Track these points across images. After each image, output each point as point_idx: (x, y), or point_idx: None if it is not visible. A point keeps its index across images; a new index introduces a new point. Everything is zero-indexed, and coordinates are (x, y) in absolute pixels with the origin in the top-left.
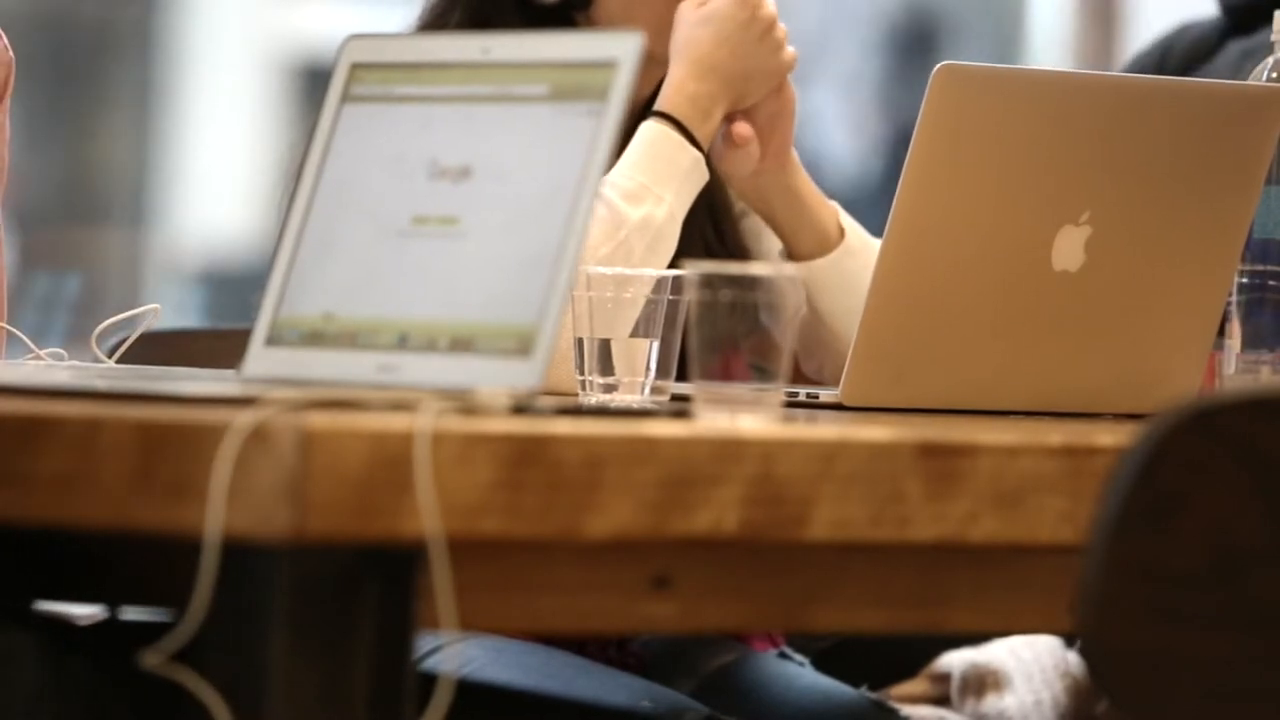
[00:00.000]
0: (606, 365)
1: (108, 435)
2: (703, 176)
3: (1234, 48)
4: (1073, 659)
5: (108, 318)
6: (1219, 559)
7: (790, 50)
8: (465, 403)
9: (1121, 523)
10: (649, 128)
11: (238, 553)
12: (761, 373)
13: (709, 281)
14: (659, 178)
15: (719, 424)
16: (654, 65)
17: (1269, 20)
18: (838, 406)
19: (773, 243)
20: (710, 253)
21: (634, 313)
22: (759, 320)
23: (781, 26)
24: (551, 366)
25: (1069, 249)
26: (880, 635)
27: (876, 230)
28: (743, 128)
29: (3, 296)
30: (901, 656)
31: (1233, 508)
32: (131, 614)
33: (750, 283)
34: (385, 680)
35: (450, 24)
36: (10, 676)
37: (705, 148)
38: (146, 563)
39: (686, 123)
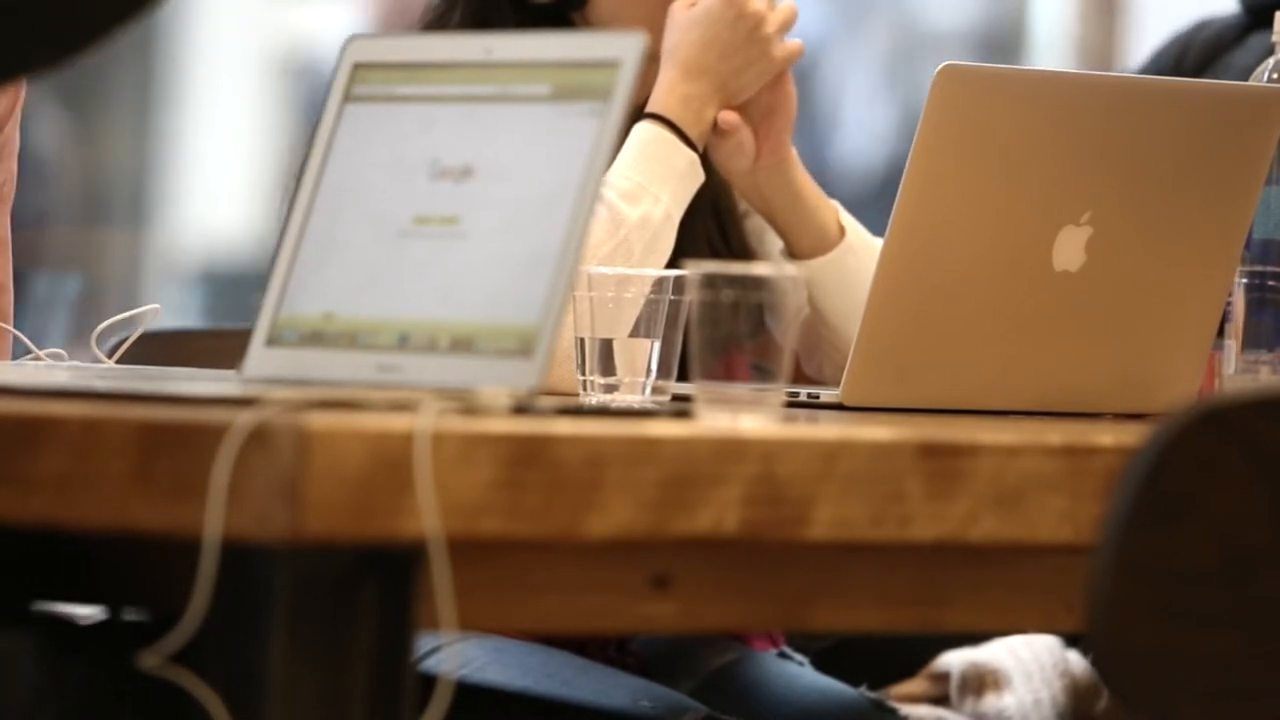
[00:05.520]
0: (607, 365)
1: (107, 436)
2: (699, 177)
3: (1258, 41)
4: (1072, 658)
5: (108, 318)
6: (1228, 558)
7: (790, 43)
8: (466, 403)
9: (1131, 522)
10: (643, 129)
11: (237, 553)
12: (763, 373)
13: (711, 281)
14: (654, 178)
15: (720, 424)
16: (651, 63)
17: None
18: (838, 406)
19: (776, 243)
20: (714, 253)
21: (635, 313)
22: (761, 320)
23: (774, 20)
24: (552, 366)
25: (1070, 249)
26: (880, 635)
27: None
28: (729, 115)
29: (9, 301)
30: (901, 656)
31: (1242, 507)
32: (131, 614)
33: (752, 283)
34: (384, 681)
35: (450, 24)
36: (9, 677)
37: (700, 148)
38: (145, 563)
39: (680, 123)
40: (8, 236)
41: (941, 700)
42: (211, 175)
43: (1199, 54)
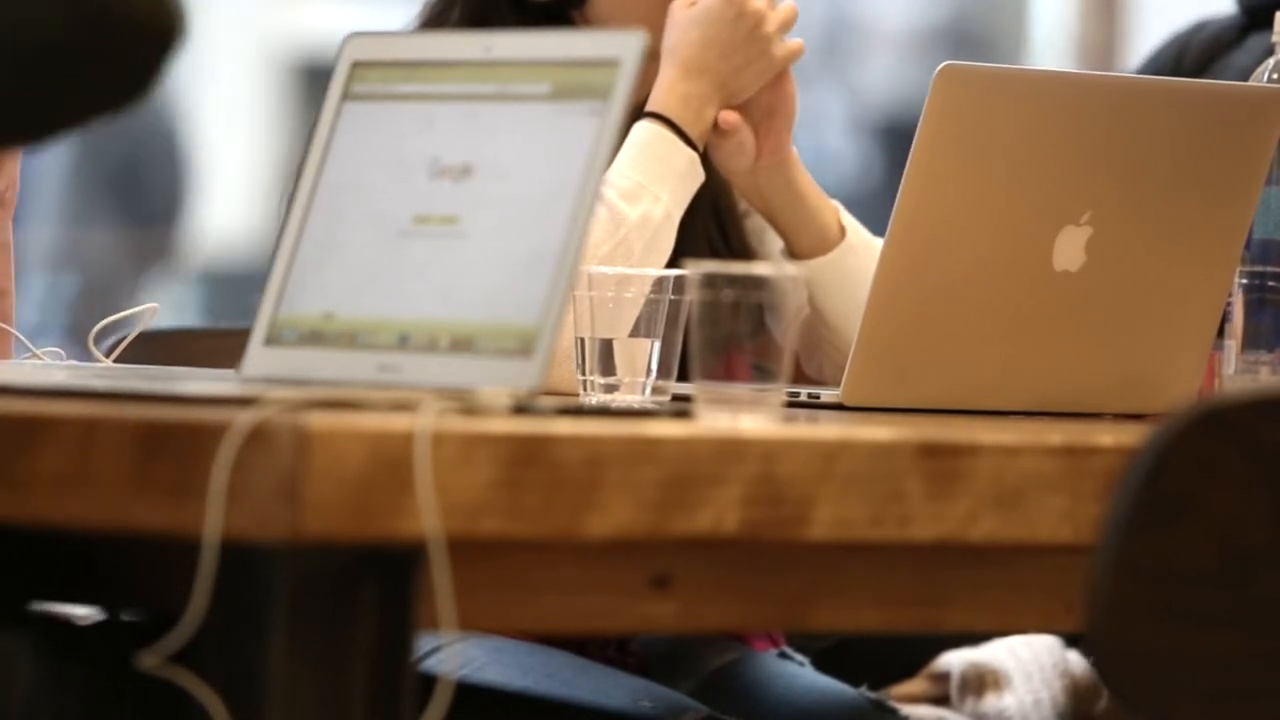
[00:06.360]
0: (608, 365)
1: (106, 435)
2: (699, 176)
3: (1257, 42)
4: (1072, 658)
5: (106, 317)
6: (1228, 559)
7: (791, 43)
8: (466, 403)
9: (1131, 523)
10: (643, 128)
11: (237, 553)
12: (763, 373)
13: (711, 281)
14: (654, 177)
15: (720, 424)
16: (651, 62)
17: None
18: (839, 406)
19: (777, 243)
20: (714, 252)
21: (635, 312)
22: (761, 320)
23: (774, 19)
24: (552, 366)
25: (1070, 249)
26: (880, 635)
27: (876, 229)
28: (729, 114)
29: (11, 305)
30: (901, 656)
31: (1242, 507)
32: (130, 614)
33: (752, 283)
34: (384, 681)
35: (449, 22)
36: (7, 677)
37: (700, 147)
38: (144, 563)
39: (680, 122)
40: (10, 241)
41: (941, 700)
42: (211, 174)
43: (1197, 55)
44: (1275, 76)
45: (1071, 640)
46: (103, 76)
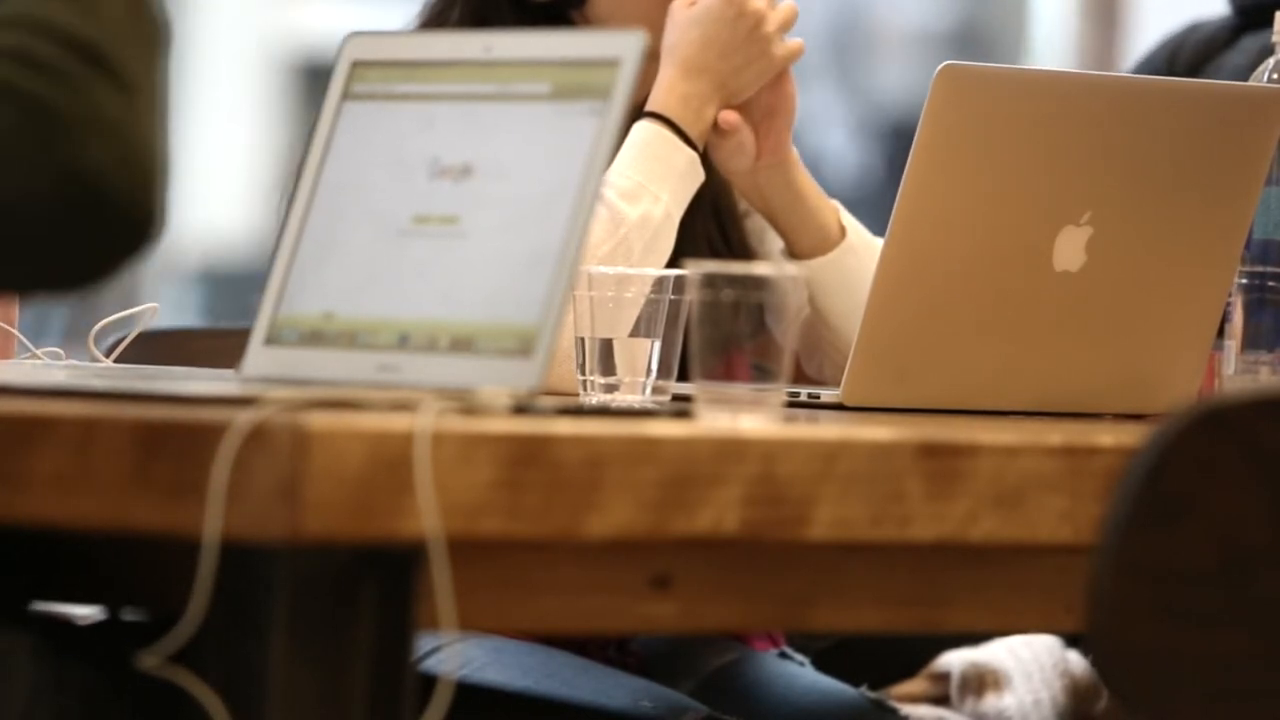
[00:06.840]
0: (608, 365)
1: (105, 435)
2: (699, 176)
3: (1251, 42)
4: (1072, 658)
5: (105, 317)
6: (1228, 558)
7: (791, 43)
8: (466, 403)
9: (1131, 522)
10: (643, 128)
11: (237, 553)
12: (763, 373)
13: (711, 281)
14: (654, 176)
15: (720, 424)
16: (651, 61)
17: None
18: (839, 406)
19: (776, 243)
20: (714, 253)
21: (635, 312)
22: (761, 320)
23: (774, 18)
24: (552, 366)
25: (1070, 249)
26: (880, 635)
27: (879, 230)
28: (729, 114)
29: (15, 310)
30: (901, 656)
31: (1241, 507)
32: (130, 614)
33: (753, 282)
34: (384, 681)
35: (450, 22)
36: (7, 677)
37: (700, 147)
38: (145, 563)
39: (679, 122)
40: None
41: (941, 700)
42: (211, 174)
43: (1190, 56)
44: (1275, 76)
45: (1071, 640)
46: (70, 253)
